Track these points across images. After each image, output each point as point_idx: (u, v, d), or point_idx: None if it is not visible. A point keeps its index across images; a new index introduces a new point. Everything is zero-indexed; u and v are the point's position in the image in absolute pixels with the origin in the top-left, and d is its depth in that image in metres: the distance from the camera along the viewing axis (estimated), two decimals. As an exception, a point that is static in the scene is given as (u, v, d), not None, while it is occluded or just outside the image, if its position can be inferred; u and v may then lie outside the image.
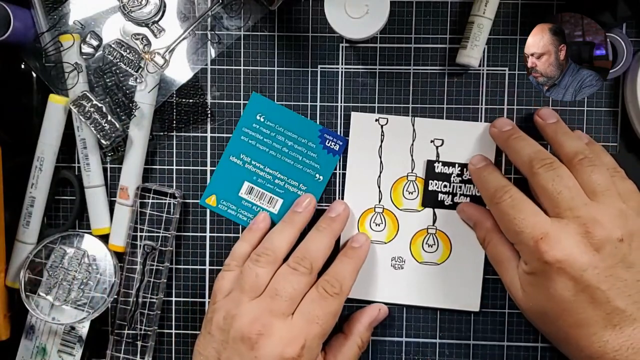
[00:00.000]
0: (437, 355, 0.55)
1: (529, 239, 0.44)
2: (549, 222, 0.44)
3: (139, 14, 0.54)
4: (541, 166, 0.46)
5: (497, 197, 0.47)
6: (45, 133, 0.54)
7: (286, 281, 0.47)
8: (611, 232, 0.43)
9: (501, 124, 0.51)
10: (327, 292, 0.47)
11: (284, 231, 0.51)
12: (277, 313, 0.45)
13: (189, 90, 0.55)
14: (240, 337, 0.45)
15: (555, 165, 0.46)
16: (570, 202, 0.44)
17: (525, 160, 0.47)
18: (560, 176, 0.45)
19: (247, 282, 0.47)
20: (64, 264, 0.54)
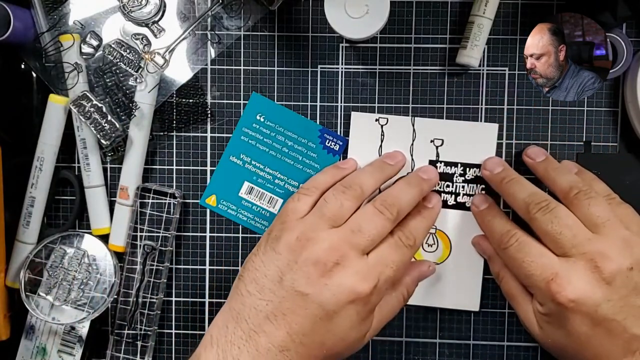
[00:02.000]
0: (437, 355, 0.55)
1: (540, 281, 0.44)
2: (557, 262, 0.44)
3: (139, 14, 0.54)
4: (537, 210, 0.46)
5: (504, 243, 0.47)
6: (45, 133, 0.54)
7: (371, 221, 0.46)
8: (620, 263, 0.43)
9: (492, 166, 0.51)
10: (402, 241, 0.47)
11: (373, 173, 0.50)
12: (356, 247, 0.44)
13: (189, 90, 0.55)
14: (314, 262, 0.43)
15: (552, 206, 0.46)
16: (573, 240, 0.44)
17: (521, 205, 0.47)
18: (558, 217, 0.45)
19: (330, 209, 0.46)
20: (64, 264, 0.54)
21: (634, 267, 0.43)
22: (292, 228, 0.45)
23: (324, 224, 0.45)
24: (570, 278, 0.43)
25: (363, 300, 0.43)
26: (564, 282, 0.43)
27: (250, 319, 0.43)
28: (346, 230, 0.45)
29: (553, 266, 0.44)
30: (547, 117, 0.54)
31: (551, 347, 0.47)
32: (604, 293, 0.42)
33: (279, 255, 0.44)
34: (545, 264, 0.44)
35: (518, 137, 0.54)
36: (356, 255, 0.44)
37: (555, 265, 0.44)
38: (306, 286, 0.43)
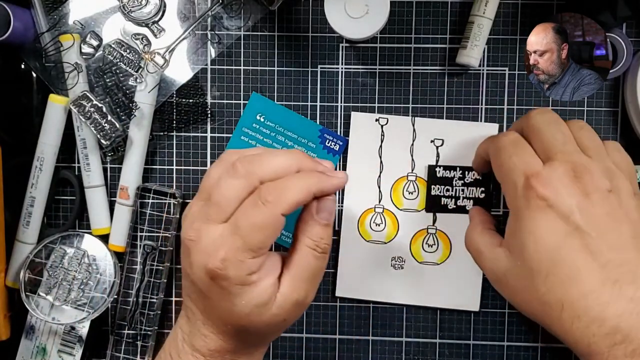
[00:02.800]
0: (437, 355, 0.55)
1: (520, 175, 0.42)
2: (542, 165, 0.43)
3: (139, 14, 0.54)
4: (538, 112, 0.45)
5: (502, 134, 0.47)
6: (45, 133, 0.54)
7: (218, 184, 0.41)
8: (601, 182, 0.41)
9: None
10: (259, 197, 0.40)
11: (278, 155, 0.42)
12: (207, 219, 0.40)
13: (189, 90, 0.55)
14: (184, 239, 0.42)
15: (553, 114, 0.45)
16: (562, 146, 0.43)
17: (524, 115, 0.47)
18: (557, 122, 0.44)
19: (202, 182, 0.43)
20: (64, 264, 0.54)
21: (613, 191, 0.41)
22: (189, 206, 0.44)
23: (196, 198, 0.43)
24: (551, 178, 0.41)
25: (219, 276, 0.39)
26: (544, 180, 0.41)
27: (183, 294, 0.45)
28: (205, 202, 0.41)
29: (537, 166, 0.42)
30: (547, 117, 0.54)
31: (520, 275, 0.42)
32: (580, 201, 0.40)
33: None
34: (531, 162, 0.43)
35: (518, 137, 0.54)
36: (207, 228, 0.40)
37: (539, 167, 0.42)
38: (185, 266, 0.42)
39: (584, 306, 0.39)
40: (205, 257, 0.40)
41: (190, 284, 0.43)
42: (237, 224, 0.39)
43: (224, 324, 0.42)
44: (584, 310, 0.39)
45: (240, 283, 0.40)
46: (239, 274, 0.40)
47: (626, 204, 0.42)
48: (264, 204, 0.39)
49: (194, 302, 0.43)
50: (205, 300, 0.42)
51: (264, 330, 0.43)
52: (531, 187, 0.41)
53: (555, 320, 0.41)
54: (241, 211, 0.40)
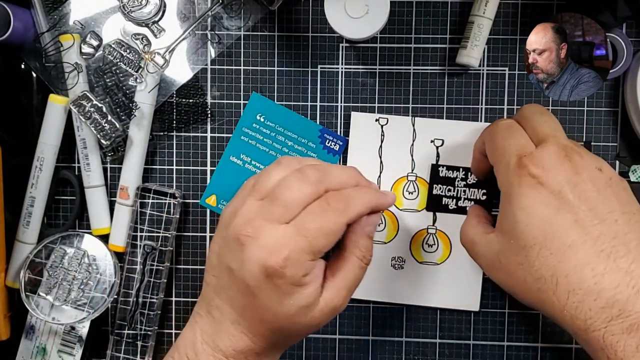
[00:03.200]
0: (437, 355, 0.55)
1: (513, 155, 0.43)
2: (534, 148, 0.44)
3: (139, 14, 0.54)
4: (529, 105, 0.47)
5: (498, 120, 0.47)
6: (45, 133, 0.54)
7: (286, 186, 0.42)
8: (590, 161, 0.42)
9: None
10: (329, 204, 0.42)
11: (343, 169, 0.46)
12: (270, 218, 0.41)
13: (189, 90, 0.55)
14: (235, 236, 0.42)
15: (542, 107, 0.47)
16: (555, 131, 0.44)
17: None
18: (547, 113, 0.46)
19: (258, 182, 0.44)
20: (64, 264, 0.54)
21: (602, 170, 0.42)
22: (230, 203, 0.45)
23: (251, 197, 0.43)
24: (542, 156, 0.42)
25: (277, 274, 0.40)
26: (536, 158, 0.42)
27: (207, 293, 0.44)
28: (266, 201, 0.42)
29: (529, 148, 0.43)
30: (547, 117, 0.54)
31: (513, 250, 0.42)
32: (571, 177, 0.41)
33: (219, 232, 0.44)
34: (524, 145, 0.44)
35: (518, 137, 0.54)
36: (269, 226, 0.41)
37: (531, 148, 0.43)
38: (232, 262, 0.42)
39: (579, 278, 0.39)
40: (265, 254, 0.40)
41: (230, 281, 0.42)
42: (305, 226, 0.41)
43: (261, 324, 0.42)
44: (579, 282, 0.39)
45: (294, 283, 0.41)
46: (296, 274, 0.41)
47: (615, 183, 0.42)
48: (333, 211, 0.42)
49: (228, 300, 0.43)
50: (247, 298, 0.42)
51: (298, 333, 0.44)
52: (523, 165, 0.42)
53: (551, 297, 0.40)
54: (309, 214, 0.42)
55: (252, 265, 0.41)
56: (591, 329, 0.39)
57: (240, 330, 0.43)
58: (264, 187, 0.43)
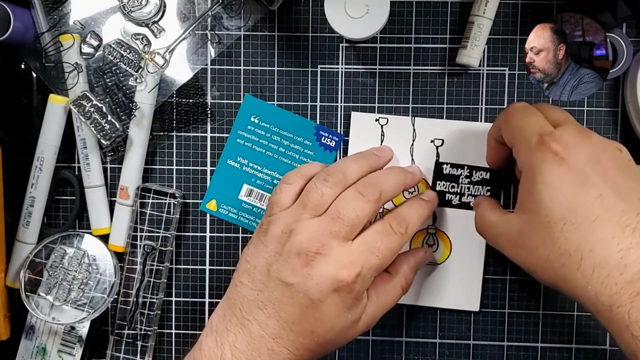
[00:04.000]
0: (437, 355, 0.55)
1: (533, 134, 0.43)
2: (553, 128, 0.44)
3: (139, 14, 0.54)
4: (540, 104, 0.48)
5: (513, 103, 0.47)
6: (45, 133, 0.54)
7: (350, 205, 0.45)
8: (609, 142, 0.43)
9: None
10: (392, 228, 0.46)
11: (358, 161, 0.49)
12: (337, 235, 0.44)
13: (189, 90, 0.55)
14: (297, 252, 0.43)
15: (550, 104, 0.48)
16: (569, 116, 0.45)
17: None
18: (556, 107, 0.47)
19: (310, 199, 0.45)
20: (64, 264, 0.54)
21: (622, 150, 0.43)
22: (277, 220, 0.46)
23: (306, 213, 0.45)
24: (563, 135, 0.42)
25: (346, 288, 0.43)
26: (557, 136, 0.42)
27: (243, 307, 0.45)
28: (326, 218, 0.45)
29: (549, 128, 0.44)
30: (547, 117, 0.54)
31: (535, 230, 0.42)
32: (592, 153, 0.42)
33: (267, 247, 0.45)
34: (543, 125, 0.44)
35: (518, 137, 0.54)
36: (338, 243, 0.44)
37: (550, 128, 0.44)
38: (291, 276, 0.43)
39: (605, 253, 0.39)
40: (337, 269, 0.43)
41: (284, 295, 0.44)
42: (374, 245, 0.45)
43: (311, 337, 0.44)
44: (605, 257, 0.39)
45: (358, 298, 0.44)
46: (362, 289, 0.45)
47: (633, 165, 0.43)
48: (396, 234, 0.46)
49: (275, 314, 0.44)
50: (305, 312, 0.43)
51: (337, 345, 0.46)
52: (545, 143, 0.42)
53: (575, 273, 0.40)
54: (376, 234, 0.45)
55: (322, 279, 0.43)
56: (616, 305, 0.38)
57: (283, 345, 0.43)
58: (318, 204, 0.45)
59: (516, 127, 0.45)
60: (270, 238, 0.45)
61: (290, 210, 0.46)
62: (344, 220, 0.44)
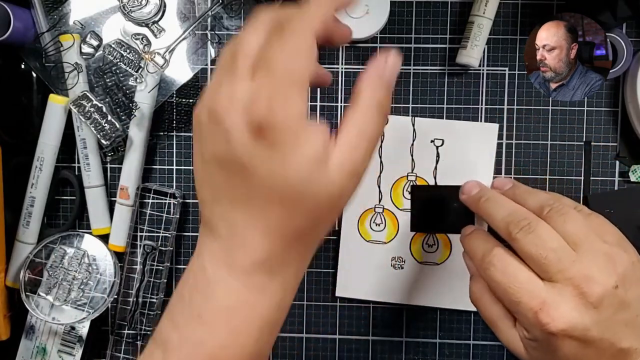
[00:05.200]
0: (437, 355, 0.55)
1: (527, 310, 0.42)
2: (544, 288, 0.42)
3: (139, 14, 0.54)
4: (519, 230, 0.44)
5: (486, 263, 0.44)
6: (45, 133, 0.54)
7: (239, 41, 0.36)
8: (606, 284, 0.42)
9: (468, 189, 0.49)
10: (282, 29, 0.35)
11: None
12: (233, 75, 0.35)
13: (189, 90, 0.55)
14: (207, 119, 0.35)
15: (533, 226, 0.44)
16: (558, 264, 0.42)
17: (501, 225, 0.45)
18: (542, 238, 0.43)
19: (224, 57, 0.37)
20: (64, 264, 0.54)
21: (618, 284, 0.42)
22: None
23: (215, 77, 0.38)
24: (558, 306, 0.41)
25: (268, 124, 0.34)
26: (552, 311, 0.41)
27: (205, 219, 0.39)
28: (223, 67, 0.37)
29: (540, 294, 0.42)
30: (547, 117, 0.54)
31: None
32: (593, 317, 0.41)
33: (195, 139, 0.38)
34: (532, 291, 0.42)
35: (518, 137, 0.54)
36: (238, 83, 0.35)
37: (542, 293, 0.42)
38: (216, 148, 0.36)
39: None
40: (246, 114, 0.33)
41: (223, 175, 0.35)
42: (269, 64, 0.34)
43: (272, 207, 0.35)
44: None
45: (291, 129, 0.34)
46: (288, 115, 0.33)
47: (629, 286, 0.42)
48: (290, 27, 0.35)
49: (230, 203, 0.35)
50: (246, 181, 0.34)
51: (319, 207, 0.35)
52: (543, 323, 0.41)
53: None
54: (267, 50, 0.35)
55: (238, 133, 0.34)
56: None
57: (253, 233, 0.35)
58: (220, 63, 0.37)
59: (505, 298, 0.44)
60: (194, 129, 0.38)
61: None
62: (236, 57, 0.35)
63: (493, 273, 0.44)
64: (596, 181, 0.54)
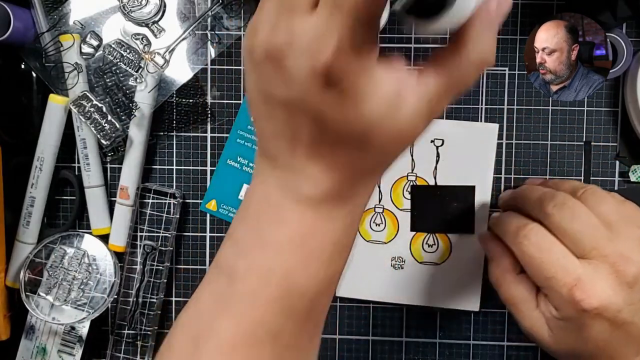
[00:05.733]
0: (437, 355, 0.55)
1: (561, 286, 0.41)
2: (579, 265, 0.41)
3: (139, 14, 0.54)
4: (554, 205, 0.43)
5: (521, 236, 0.43)
6: (45, 133, 0.54)
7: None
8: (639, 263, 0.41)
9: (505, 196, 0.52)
10: None
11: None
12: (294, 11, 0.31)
13: (189, 90, 0.55)
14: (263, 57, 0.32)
15: (570, 203, 0.43)
16: (593, 241, 0.42)
17: (536, 204, 0.44)
18: (578, 214, 0.42)
19: None
20: (64, 264, 0.54)
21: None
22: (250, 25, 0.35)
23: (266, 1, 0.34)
24: (594, 284, 0.41)
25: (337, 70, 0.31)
26: (588, 288, 0.40)
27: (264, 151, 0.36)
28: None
29: (575, 270, 0.41)
30: (547, 117, 0.54)
31: (562, 352, 0.44)
32: (626, 297, 0.41)
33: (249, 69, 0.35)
34: (567, 267, 0.41)
35: (518, 137, 0.54)
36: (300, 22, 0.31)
37: (578, 269, 0.41)
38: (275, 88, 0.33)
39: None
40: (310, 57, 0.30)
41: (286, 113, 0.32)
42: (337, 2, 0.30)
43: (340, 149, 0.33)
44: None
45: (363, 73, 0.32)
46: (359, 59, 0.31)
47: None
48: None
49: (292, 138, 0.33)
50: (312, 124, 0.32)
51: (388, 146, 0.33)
52: (577, 300, 0.41)
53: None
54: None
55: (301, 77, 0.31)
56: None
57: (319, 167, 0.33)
58: None
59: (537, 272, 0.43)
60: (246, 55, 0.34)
61: None
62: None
63: (527, 247, 0.43)
64: (596, 181, 0.54)
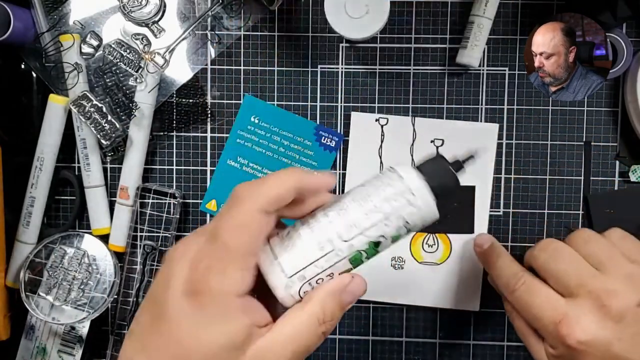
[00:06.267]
0: (437, 355, 0.55)
1: (549, 324, 0.42)
2: (564, 303, 0.43)
3: (139, 14, 0.54)
4: (540, 248, 0.45)
5: (512, 286, 0.45)
6: (45, 133, 0.54)
7: None
8: (628, 299, 0.41)
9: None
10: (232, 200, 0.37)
11: None
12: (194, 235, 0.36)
13: (189, 90, 0.55)
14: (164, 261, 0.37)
15: (553, 245, 0.45)
16: (577, 278, 0.43)
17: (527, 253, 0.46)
18: (561, 254, 0.44)
19: None
20: (64, 264, 0.54)
21: None
22: None
23: None
24: (579, 319, 0.41)
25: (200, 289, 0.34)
26: (573, 323, 0.41)
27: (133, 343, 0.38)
28: None
29: (560, 307, 0.42)
30: (547, 117, 0.54)
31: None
32: (614, 332, 0.41)
33: None
34: (553, 306, 0.43)
35: (518, 137, 0.54)
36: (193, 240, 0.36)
37: (563, 307, 0.42)
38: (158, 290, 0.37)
39: None
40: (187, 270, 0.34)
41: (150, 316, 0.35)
42: (216, 232, 0.35)
43: None
44: None
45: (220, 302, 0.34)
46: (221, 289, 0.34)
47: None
48: (239, 202, 0.36)
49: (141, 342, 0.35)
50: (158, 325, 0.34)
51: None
52: (563, 335, 0.41)
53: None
54: (217, 218, 0.36)
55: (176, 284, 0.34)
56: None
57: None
58: None
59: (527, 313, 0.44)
60: None
61: None
62: None
63: (518, 293, 0.45)
64: (596, 181, 0.54)
